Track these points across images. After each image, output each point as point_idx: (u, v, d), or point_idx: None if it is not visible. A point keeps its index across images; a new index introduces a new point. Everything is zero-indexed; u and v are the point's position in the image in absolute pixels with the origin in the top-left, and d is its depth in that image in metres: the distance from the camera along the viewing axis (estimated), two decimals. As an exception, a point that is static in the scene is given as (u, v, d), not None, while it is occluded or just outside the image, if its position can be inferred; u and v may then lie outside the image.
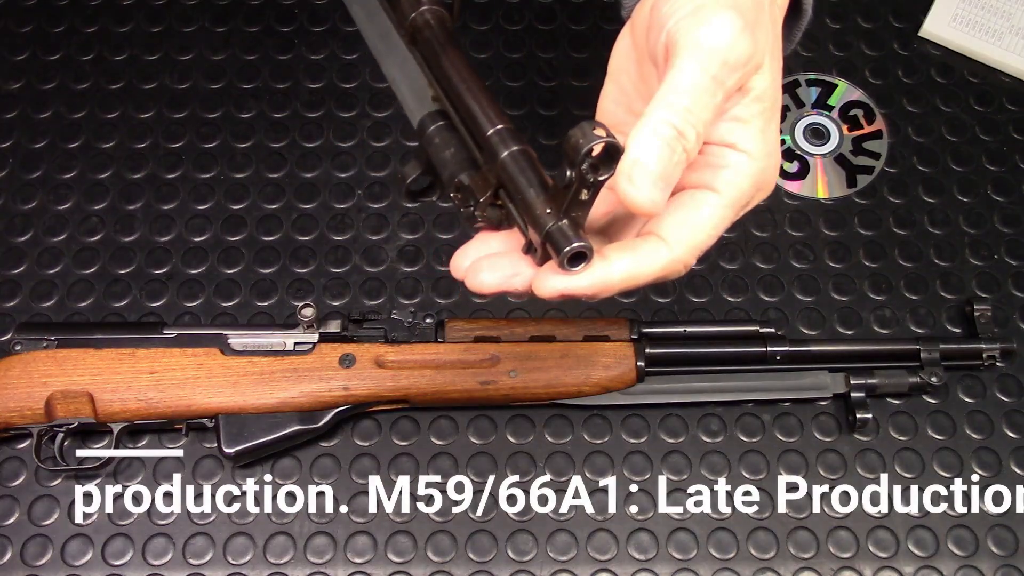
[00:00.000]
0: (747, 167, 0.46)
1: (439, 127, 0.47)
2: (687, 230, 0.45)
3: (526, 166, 0.44)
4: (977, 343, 0.74)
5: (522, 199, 0.44)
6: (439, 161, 0.47)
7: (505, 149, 0.45)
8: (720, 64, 0.43)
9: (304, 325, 0.72)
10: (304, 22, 0.91)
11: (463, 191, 0.46)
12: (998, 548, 0.71)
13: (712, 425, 0.75)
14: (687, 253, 0.45)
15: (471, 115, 0.46)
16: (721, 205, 0.46)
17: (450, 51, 0.48)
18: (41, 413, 0.70)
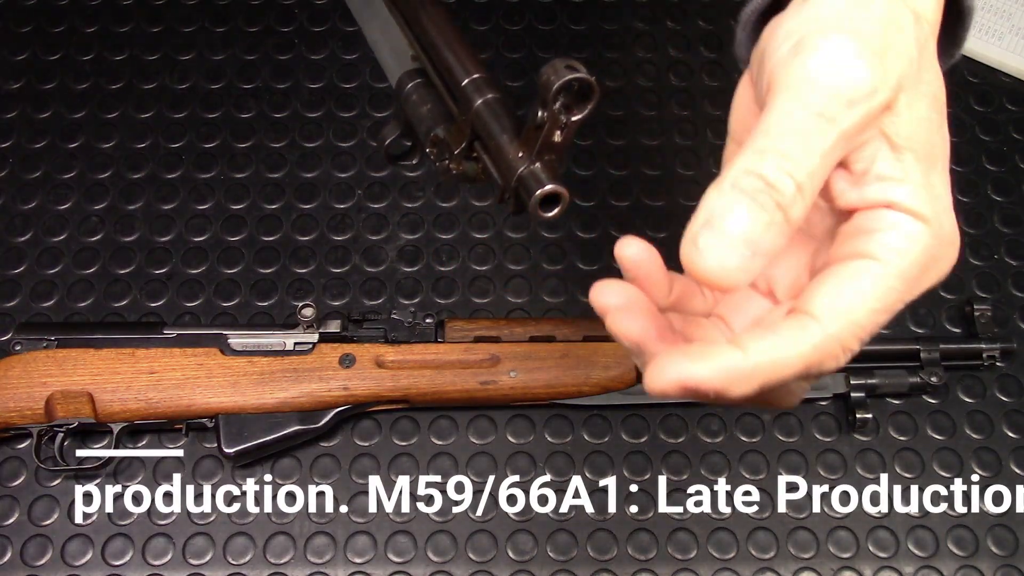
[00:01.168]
0: (915, 228, 0.37)
1: (416, 84, 0.46)
2: (843, 302, 0.36)
3: (501, 113, 0.42)
4: (977, 343, 0.74)
5: (494, 144, 0.42)
6: (416, 118, 0.46)
7: (479, 97, 0.43)
8: (828, 97, 0.34)
9: (304, 325, 0.72)
10: (304, 22, 0.91)
11: (439, 145, 0.45)
12: (998, 548, 0.71)
13: (712, 425, 0.75)
14: (847, 333, 0.36)
15: (447, 66, 0.43)
16: (885, 275, 0.36)
17: (429, 6, 0.45)
18: (41, 413, 0.70)
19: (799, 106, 0.34)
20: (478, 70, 0.43)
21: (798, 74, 0.34)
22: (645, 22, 0.91)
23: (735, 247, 0.33)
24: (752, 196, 0.33)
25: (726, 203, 0.33)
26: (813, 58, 0.34)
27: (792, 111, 0.34)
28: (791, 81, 0.34)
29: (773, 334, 0.35)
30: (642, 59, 0.90)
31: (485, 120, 0.42)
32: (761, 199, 0.33)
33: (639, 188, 0.84)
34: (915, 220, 0.37)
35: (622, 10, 0.92)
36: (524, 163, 0.41)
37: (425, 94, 0.46)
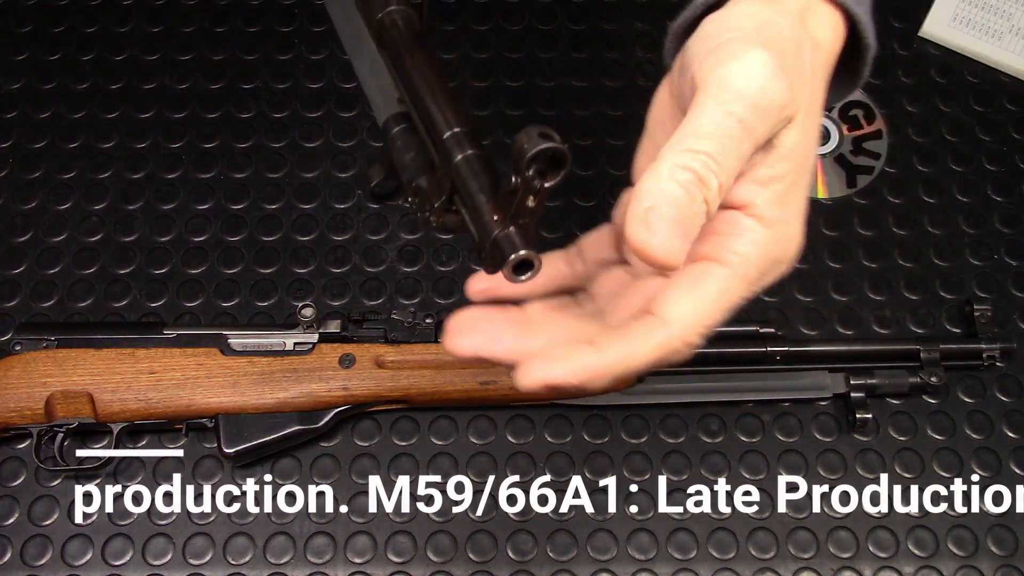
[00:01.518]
0: (761, 236, 0.40)
1: (401, 129, 0.45)
2: (689, 305, 0.39)
3: (479, 170, 0.41)
4: (977, 343, 0.74)
5: (471, 204, 0.41)
6: (400, 164, 0.45)
7: (459, 152, 0.42)
8: (750, 108, 0.38)
9: (304, 325, 0.72)
10: (304, 22, 0.91)
11: (420, 195, 0.44)
12: (998, 548, 0.71)
13: (712, 425, 0.75)
14: (688, 331, 0.39)
15: (430, 117, 0.43)
16: (726, 277, 0.40)
17: (415, 52, 0.44)
18: (41, 413, 0.70)
19: (724, 113, 0.37)
20: (459, 123, 0.42)
21: (724, 82, 0.37)
22: (645, 22, 0.91)
23: (677, 231, 0.37)
24: (687, 188, 0.37)
25: (666, 192, 0.36)
26: (737, 68, 0.37)
27: (718, 116, 0.37)
28: (717, 87, 0.37)
29: (625, 336, 0.39)
30: (642, 59, 0.90)
31: (464, 177, 0.41)
32: (693, 192, 0.37)
33: (639, 188, 0.83)
34: (762, 227, 0.40)
35: (622, 10, 0.92)
36: (499, 226, 0.40)
37: (409, 140, 0.45)
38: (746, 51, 0.38)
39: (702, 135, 0.37)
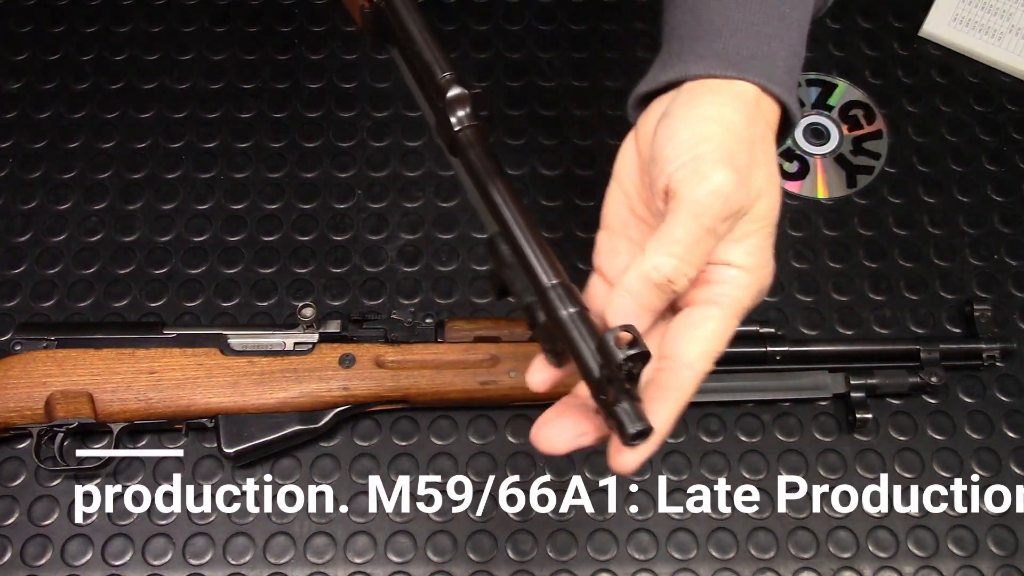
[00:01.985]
0: (744, 280, 0.49)
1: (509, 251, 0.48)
2: (699, 345, 0.48)
3: (585, 333, 0.45)
4: (977, 343, 0.74)
5: (583, 371, 0.44)
6: (513, 288, 0.48)
7: (562, 309, 0.45)
8: (715, 218, 0.46)
9: (304, 325, 0.72)
10: (304, 22, 0.91)
11: (540, 333, 0.47)
12: (998, 548, 0.71)
13: (712, 425, 0.75)
14: (706, 365, 0.48)
15: (525, 262, 0.47)
16: (724, 317, 0.49)
17: (498, 180, 0.49)
18: (41, 413, 0.70)
19: (696, 225, 0.46)
20: (560, 276, 0.46)
21: (696, 198, 0.46)
22: (645, 22, 0.91)
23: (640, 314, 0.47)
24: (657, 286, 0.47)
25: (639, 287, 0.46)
26: (708, 186, 0.46)
27: (690, 228, 0.46)
28: (689, 202, 0.46)
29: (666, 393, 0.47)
30: (642, 59, 0.89)
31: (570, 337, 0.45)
32: (663, 287, 0.47)
33: (639, 188, 0.84)
34: (746, 274, 0.49)
35: (622, 10, 0.92)
36: (614, 400, 0.44)
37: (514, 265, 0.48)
38: (715, 171, 0.46)
39: (677, 241, 0.46)
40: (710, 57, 0.50)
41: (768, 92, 0.50)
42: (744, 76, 0.50)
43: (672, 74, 0.51)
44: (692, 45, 0.51)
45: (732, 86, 0.50)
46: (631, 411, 0.43)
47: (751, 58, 0.50)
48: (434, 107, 0.51)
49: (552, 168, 0.84)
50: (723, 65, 0.50)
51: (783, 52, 0.51)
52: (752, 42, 0.50)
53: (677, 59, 0.52)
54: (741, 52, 0.50)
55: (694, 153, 0.47)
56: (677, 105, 0.50)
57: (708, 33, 0.51)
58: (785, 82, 0.51)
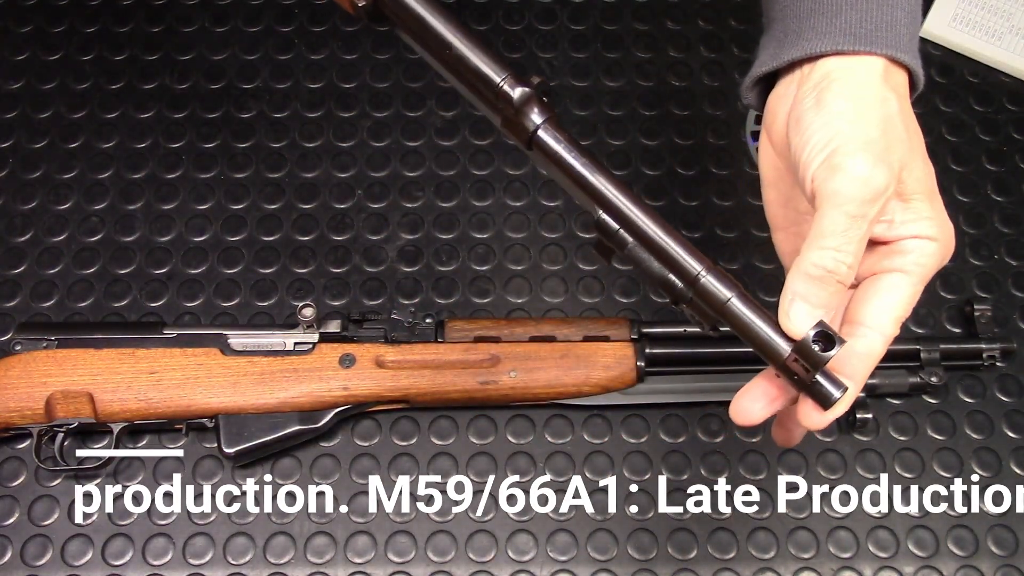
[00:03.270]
0: (929, 248, 0.51)
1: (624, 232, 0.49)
2: (888, 312, 0.49)
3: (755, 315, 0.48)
4: (977, 343, 0.74)
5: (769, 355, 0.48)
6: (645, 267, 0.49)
7: (728, 294, 0.48)
8: (858, 203, 0.47)
9: (304, 325, 0.72)
10: (304, 22, 0.91)
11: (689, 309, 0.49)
12: (998, 548, 0.71)
13: (712, 425, 0.75)
14: (893, 329, 0.50)
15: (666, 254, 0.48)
16: (911, 284, 0.50)
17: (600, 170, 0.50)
18: (41, 413, 0.70)
19: (841, 215, 0.47)
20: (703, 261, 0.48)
21: (836, 191, 0.47)
22: (645, 22, 0.91)
23: (812, 313, 0.47)
24: (819, 281, 0.47)
25: (804, 286, 0.47)
26: (844, 177, 0.46)
27: (836, 220, 0.47)
28: (831, 196, 0.47)
29: (857, 355, 0.49)
30: (642, 59, 0.90)
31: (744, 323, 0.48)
32: (826, 280, 0.47)
33: (639, 188, 0.84)
34: (930, 242, 0.51)
35: (622, 10, 0.92)
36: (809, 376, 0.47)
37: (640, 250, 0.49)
38: (849, 158, 0.47)
39: (827, 234, 0.47)
40: (834, 33, 0.49)
41: (896, 62, 0.49)
42: (872, 50, 0.48)
43: (795, 52, 0.50)
44: (811, 22, 0.50)
45: (859, 62, 0.49)
46: (830, 381, 0.47)
47: (876, 30, 0.49)
48: (496, 109, 0.50)
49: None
50: (849, 40, 0.48)
51: (904, 19, 0.50)
52: (875, 13, 0.49)
53: (796, 37, 0.50)
54: (866, 25, 0.49)
55: (827, 151, 0.47)
56: (805, 108, 0.49)
57: (828, 9, 0.49)
58: (910, 49, 0.50)
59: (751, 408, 0.50)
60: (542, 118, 0.50)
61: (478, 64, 0.50)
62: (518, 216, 0.83)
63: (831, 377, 0.47)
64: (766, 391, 0.50)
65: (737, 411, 0.51)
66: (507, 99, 0.49)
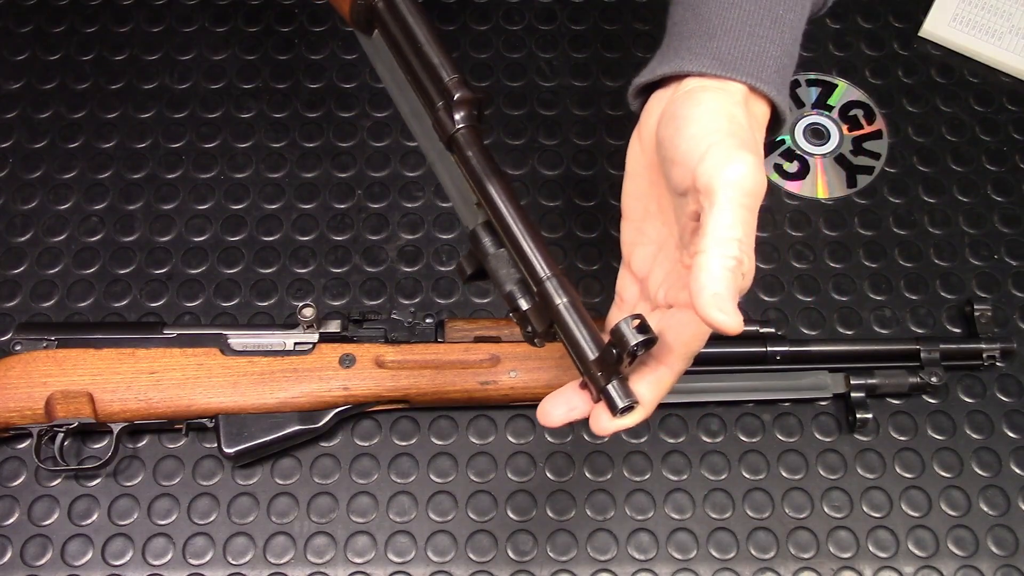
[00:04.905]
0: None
1: (492, 242, 0.52)
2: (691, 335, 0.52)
3: (579, 320, 0.50)
4: (977, 343, 0.74)
5: (577, 351, 0.49)
6: (495, 276, 0.52)
7: (560, 298, 0.50)
8: (752, 196, 0.49)
9: (304, 325, 0.72)
10: (304, 22, 0.91)
11: (521, 316, 0.51)
12: (998, 548, 0.71)
13: (712, 425, 0.75)
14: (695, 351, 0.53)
15: (524, 258, 0.51)
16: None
17: (494, 179, 0.52)
18: (41, 413, 0.70)
19: (740, 207, 0.48)
20: (553, 268, 0.50)
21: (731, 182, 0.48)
22: (645, 22, 0.91)
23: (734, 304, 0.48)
24: (732, 271, 0.48)
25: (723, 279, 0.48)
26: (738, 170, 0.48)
27: (737, 211, 0.48)
28: (727, 188, 0.48)
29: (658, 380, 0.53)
30: (642, 59, 0.89)
31: (567, 325, 0.50)
32: (736, 271, 0.48)
33: (639, 188, 0.84)
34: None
35: (622, 10, 0.92)
36: (604, 379, 0.49)
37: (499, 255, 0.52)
38: (738, 154, 0.49)
39: (730, 226, 0.48)
40: (704, 56, 0.53)
41: (756, 91, 0.53)
42: (733, 76, 0.52)
43: (668, 69, 0.54)
44: (688, 43, 0.54)
45: (722, 85, 0.52)
46: (619, 388, 0.49)
47: (741, 58, 0.52)
48: (431, 106, 0.53)
49: (552, 168, 0.84)
50: (715, 64, 0.52)
51: (775, 52, 0.54)
52: (744, 43, 0.53)
53: (674, 55, 0.54)
54: (732, 52, 0.52)
55: (708, 143, 0.49)
56: (677, 105, 0.52)
57: (704, 32, 0.54)
58: (774, 81, 0.53)
59: (552, 412, 0.53)
60: (468, 123, 0.52)
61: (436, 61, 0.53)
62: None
63: (625, 388, 0.50)
64: (568, 399, 0.53)
65: (541, 412, 0.53)
66: (448, 95, 0.52)
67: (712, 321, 0.47)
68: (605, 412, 0.50)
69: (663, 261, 0.55)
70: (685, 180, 0.50)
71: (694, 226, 0.51)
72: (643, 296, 0.57)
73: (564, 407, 0.53)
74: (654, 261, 0.56)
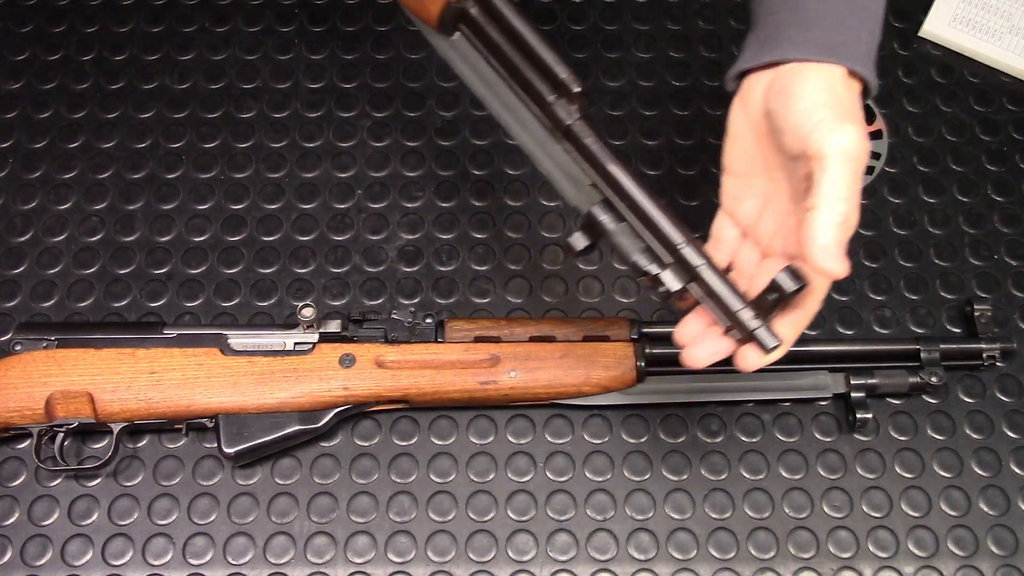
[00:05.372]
0: None
1: (612, 218, 0.59)
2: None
3: (720, 277, 0.57)
4: (977, 343, 0.74)
5: (724, 305, 0.57)
6: (620, 248, 0.58)
7: (699, 260, 0.57)
8: (857, 162, 0.55)
9: (304, 325, 0.72)
10: (304, 22, 0.91)
11: (652, 280, 0.58)
12: (998, 548, 0.71)
13: (712, 425, 0.75)
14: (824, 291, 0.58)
15: (654, 225, 0.58)
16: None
17: (617, 162, 0.58)
18: (41, 413, 0.70)
19: (845, 170, 0.55)
20: (687, 234, 0.57)
21: (838, 150, 0.54)
22: (645, 22, 0.91)
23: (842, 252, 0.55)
24: (842, 227, 0.55)
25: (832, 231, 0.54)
26: (846, 140, 0.55)
27: (847, 177, 0.55)
28: (837, 156, 0.54)
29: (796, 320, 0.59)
30: (642, 59, 0.90)
31: (711, 282, 0.57)
32: (846, 227, 0.55)
33: (639, 188, 0.84)
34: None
35: (622, 10, 0.92)
36: (755, 323, 0.56)
37: (622, 229, 0.59)
38: (844, 125, 0.55)
39: (841, 187, 0.54)
40: (805, 44, 0.58)
41: (853, 73, 0.59)
42: (834, 60, 0.58)
43: (772, 56, 0.59)
44: (787, 33, 0.59)
45: (824, 67, 0.58)
46: (767, 331, 0.57)
47: (839, 45, 0.58)
48: (539, 100, 0.59)
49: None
50: (816, 51, 0.58)
51: (865, 36, 0.60)
52: (841, 31, 0.59)
53: (775, 43, 0.59)
54: (832, 40, 0.58)
55: (818, 117, 0.55)
56: (786, 81, 0.58)
57: (801, 22, 0.59)
58: (866, 62, 0.59)
59: (698, 355, 0.59)
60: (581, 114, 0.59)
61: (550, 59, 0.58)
62: (518, 216, 0.83)
63: (771, 330, 0.57)
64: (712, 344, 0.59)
65: (688, 357, 0.59)
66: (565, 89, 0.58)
67: (823, 269, 0.54)
68: (753, 351, 0.57)
69: (771, 214, 0.61)
70: (797, 147, 0.56)
71: (806, 185, 0.56)
72: (746, 240, 0.62)
73: (708, 350, 0.59)
74: (761, 213, 0.61)
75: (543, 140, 0.60)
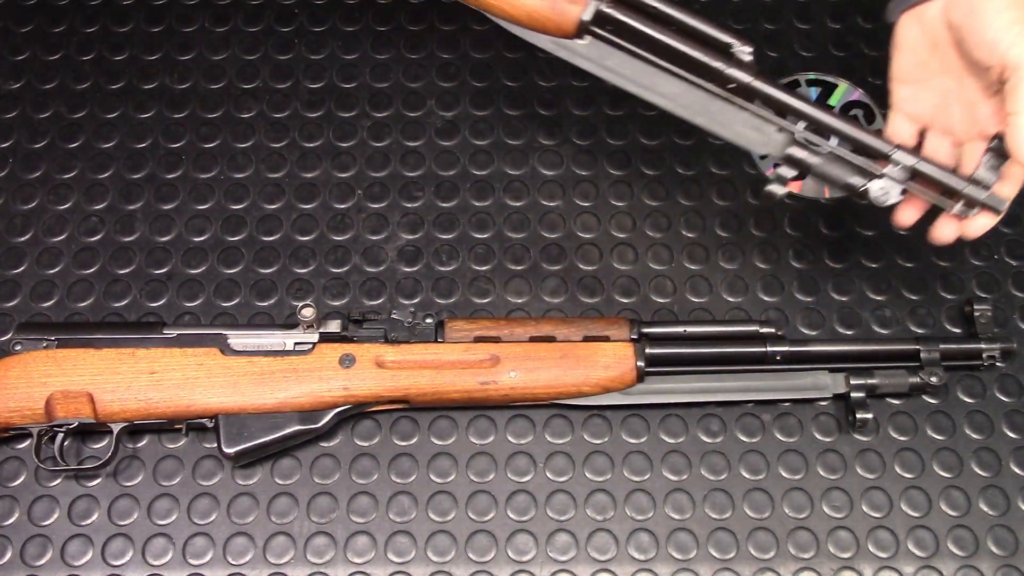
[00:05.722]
0: None
1: (811, 153, 0.67)
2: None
3: (935, 166, 0.66)
4: (977, 343, 0.74)
5: (948, 187, 0.65)
6: (829, 177, 0.68)
7: (913, 160, 0.66)
8: None
9: (304, 325, 0.72)
10: (304, 22, 0.91)
11: (861, 195, 0.67)
12: (998, 548, 0.71)
13: (712, 425, 0.75)
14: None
15: (860, 142, 0.67)
16: None
17: (807, 101, 0.66)
18: (41, 413, 0.70)
19: None
20: (891, 141, 0.67)
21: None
22: (645, 22, 0.91)
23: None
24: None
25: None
26: None
27: None
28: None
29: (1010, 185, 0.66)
30: (642, 59, 0.89)
31: (933, 173, 0.66)
32: None
33: (639, 188, 0.84)
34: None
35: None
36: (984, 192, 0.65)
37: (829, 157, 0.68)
38: None
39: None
40: None
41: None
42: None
43: None
44: None
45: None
46: (995, 196, 0.65)
47: None
48: (707, 69, 0.66)
49: (552, 168, 0.84)
50: None
51: None
52: None
53: None
54: None
55: (1014, 32, 0.62)
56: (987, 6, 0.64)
57: None
58: None
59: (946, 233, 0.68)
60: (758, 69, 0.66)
61: (716, 33, 0.66)
62: (518, 216, 0.83)
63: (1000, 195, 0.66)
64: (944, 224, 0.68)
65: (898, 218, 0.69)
66: (737, 59, 0.65)
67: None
68: (987, 217, 0.66)
69: (953, 106, 0.68)
70: (991, 59, 0.63)
71: (998, 87, 0.64)
72: (932, 131, 0.69)
73: (951, 229, 0.68)
74: (941, 107, 0.68)
75: (719, 108, 0.67)
